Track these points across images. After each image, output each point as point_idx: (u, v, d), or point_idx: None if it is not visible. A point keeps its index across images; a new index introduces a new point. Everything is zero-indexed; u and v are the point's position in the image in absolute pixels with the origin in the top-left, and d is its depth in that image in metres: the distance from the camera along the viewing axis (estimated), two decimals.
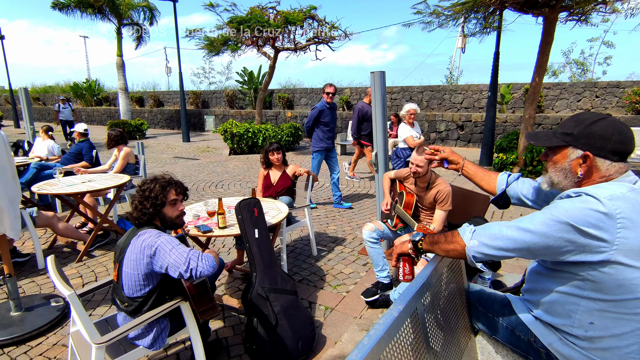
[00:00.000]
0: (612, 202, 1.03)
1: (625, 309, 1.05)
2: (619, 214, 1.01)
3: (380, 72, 3.40)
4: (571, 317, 1.14)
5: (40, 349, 2.40)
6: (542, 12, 6.29)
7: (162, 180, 1.98)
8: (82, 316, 1.62)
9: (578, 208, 1.05)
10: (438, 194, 2.76)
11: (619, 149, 1.12)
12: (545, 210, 1.11)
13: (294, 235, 4.33)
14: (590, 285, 1.08)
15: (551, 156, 1.26)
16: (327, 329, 2.57)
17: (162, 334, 1.90)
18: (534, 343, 1.27)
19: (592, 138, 1.14)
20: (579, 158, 1.17)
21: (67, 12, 13.89)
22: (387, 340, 0.88)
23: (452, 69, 18.96)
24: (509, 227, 1.14)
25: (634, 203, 1.05)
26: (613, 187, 1.09)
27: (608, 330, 1.09)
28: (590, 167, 1.16)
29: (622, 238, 1.01)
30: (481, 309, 1.47)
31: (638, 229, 1.02)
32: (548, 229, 1.06)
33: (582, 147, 1.16)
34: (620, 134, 1.12)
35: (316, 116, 5.09)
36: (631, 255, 1.01)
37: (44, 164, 5.27)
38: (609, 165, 1.14)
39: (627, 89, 10.03)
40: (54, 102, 24.40)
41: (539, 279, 1.27)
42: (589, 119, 1.17)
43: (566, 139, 1.20)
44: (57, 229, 3.62)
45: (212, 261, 1.76)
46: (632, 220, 1.02)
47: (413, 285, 1.09)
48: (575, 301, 1.13)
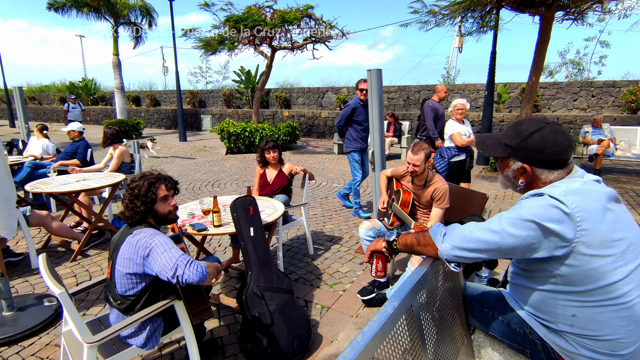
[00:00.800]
0: (568, 198, 1.10)
1: (599, 296, 1.09)
2: (575, 208, 1.08)
3: (376, 70, 3.39)
4: (554, 313, 1.18)
5: (32, 349, 2.37)
6: (539, 11, 6.30)
7: (151, 176, 1.93)
8: (73, 315, 1.60)
9: (540, 206, 1.11)
10: (435, 192, 2.75)
11: (552, 160, 1.20)
12: (510, 211, 1.17)
13: (290, 233, 4.31)
14: (561, 279, 1.13)
15: (499, 163, 1.36)
16: (323, 328, 2.55)
17: (155, 333, 1.87)
18: (529, 335, 1.28)
19: (528, 151, 1.22)
20: (520, 169, 1.27)
21: (62, 12, 13.79)
22: (382, 337, 0.87)
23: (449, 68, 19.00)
24: (479, 229, 1.19)
25: (588, 193, 1.12)
26: (566, 183, 1.17)
27: (592, 321, 1.12)
28: (529, 176, 1.26)
29: (582, 230, 1.07)
30: (476, 305, 1.47)
31: (594, 219, 1.08)
32: (515, 228, 1.12)
33: (520, 160, 1.26)
34: (553, 146, 1.19)
35: (349, 114, 4.67)
36: (592, 246, 1.07)
37: (38, 163, 5.23)
38: (547, 173, 1.22)
39: (622, 89, 10.07)
40: (49, 101, 24.31)
41: (518, 279, 1.31)
42: (525, 131, 1.23)
43: (507, 151, 1.29)
44: (51, 228, 3.58)
45: (202, 270, 1.67)
46: (588, 212, 1.08)
47: (408, 282, 1.07)
48: (552, 297, 1.17)
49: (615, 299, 1.08)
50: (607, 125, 7.27)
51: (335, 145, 10.28)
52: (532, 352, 1.30)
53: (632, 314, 1.09)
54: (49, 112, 22.52)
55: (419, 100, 12.97)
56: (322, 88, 15.07)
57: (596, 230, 1.07)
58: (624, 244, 1.10)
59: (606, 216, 1.10)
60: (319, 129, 13.65)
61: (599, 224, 1.08)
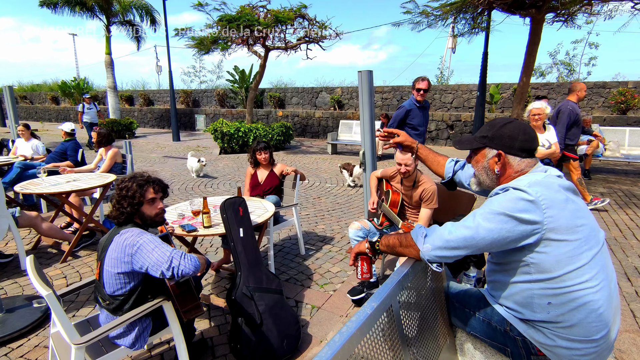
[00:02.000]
0: (532, 188, 1.19)
1: (570, 280, 1.16)
2: (540, 197, 1.17)
3: (367, 71, 3.41)
4: (531, 304, 1.24)
5: (21, 350, 2.36)
6: (529, 13, 6.38)
7: (140, 178, 1.95)
8: (61, 316, 1.60)
9: (508, 199, 1.20)
10: (424, 193, 2.78)
11: (525, 147, 1.33)
12: (482, 207, 1.25)
13: (282, 234, 4.32)
14: (534, 267, 1.20)
15: (473, 157, 1.45)
16: (313, 328, 2.57)
17: (144, 333, 1.88)
18: (510, 332, 1.32)
19: (503, 139, 1.34)
20: (495, 157, 1.36)
21: (55, 9, 13.67)
22: (360, 337, 0.89)
23: (442, 69, 19.11)
24: (456, 228, 1.25)
25: (550, 185, 1.22)
26: (529, 176, 1.28)
27: (565, 306, 1.18)
28: (504, 163, 1.35)
29: (549, 217, 1.16)
30: (458, 305, 1.50)
31: (558, 206, 1.18)
32: (489, 223, 1.19)
33: (495, 147, 1.36)
34: (524, 134, 1.33)
35: (402, 117, 4.09)
36: (559, 231, 1.16)
37: (28, 164, 5.19)
38: (519, 161, 1.34)
39: (612, 89, 10.21)
40: (41, 100, 24.06)
41: (494, 275, 1.37)
42: (499, 123, 1.38)
43: (483, 141, 1.40)
44: (41, 229, 3.56)
45: (195, 261, 1.74)
46: (552, 200, 1.18)
47: (389, 283, 1.10)
48: (528, 287, 1.23)
49: (584, 282, 1.16)
50: (596, 126, 7.37)
51: (329, 146, 10.31)
52: (513, 350, 1.33)
53: (601, 297, 1.17)
54: (40, 111, 22.30)
55: None
56: (316, 88, 15.09)
57: (561, 216, 1.16)
58: (586, 229, 1.19)
59: (568, 204, 1.19)
60: (312, 129, 13.67)
61: (563, 210, 1.17)
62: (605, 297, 1.18)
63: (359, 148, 3.57)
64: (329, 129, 12.94)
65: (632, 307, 2.77)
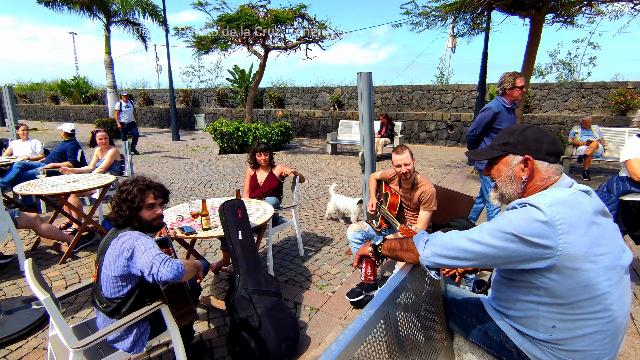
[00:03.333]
0: (552, 209, 1.08)
1: (581, 309, 1.10)
2: (558, 220, 1.07)
3: (366, 73, 3.41)
4: (535, 323, 1.19)
5: (19, 352, 2.36)
6: (529, 13, 6.37)
7: (142, 183, 1.96)
8: (59, 320, 1.60)
9: (521, 218, 1.10)
10: (422, 195, 2.78)
11: (552, 150, 1.23)
12: (492, 222, 1.16)
13: (281, 235, 4.32)
14: (544, 291, 1.13)
15: (494, 167, 1.35)
16: (311, 330, 2.57)
17: (142, 337, 1.88)
18: (506, 344, 1.30)
19: (528, 142, 1.25)
20: (520, 163, 1.26)
21: (53, 7, 13.64)
22: (357, 344, 0.89)
23: (442, 68, 19.11)
24: (460, 238, 1.19)
25: (575, 205, 1.11)
26: (553, 192, 1.17)
27: (570, 332, 1.13)
28: (532, 169, 1.25)
29: (565, 243, 1.06)
30: (456, 311, 1.50)
31: (577, 232, 1.07)
32: (495, 239, 1.12)
33: (520, 152, 1.26)
34: (549, 137, 1.25)
35: (489, 121, 3.52)
36: (575, 259, 1.07)
37: (28, 164, 5.18)
38: (547, 166, 1.24)
39: (612, 90, 10.21)
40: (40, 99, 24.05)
41: (500, 287, 1.32)
42: (519, 129, 1.29)
43: (505, 148, 1.30)
44: (40, 230, 3.56)
45: (177, 268, 1.69)
46: (572, 224, 1.07)
47: (386, 289, 1.10)
48: (534, 307, 1.17)
49: (597, 312, 1.10)
50: (595, 127, 7.37)
51: (329, 146, 10.31)
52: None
53: (610, 328, 1.12)
54: (40, 110, 22.28)
55: (412, 101, 13.04)
56: (316, 87, 15.08)
57: (579, 243, 1.07)
58: (607, 258, 1.10)
59: (591, 229, 1.09)
60: (312, 128, 13.67)
61: (582, 237, 1.07)
62: (615, 327, 1.13)
63: (358, 148, 3.56)
64: (329, 129, 12.94)
65: (631, 310, 2.77)
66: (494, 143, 1.35)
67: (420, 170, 7.80)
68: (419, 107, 12.96)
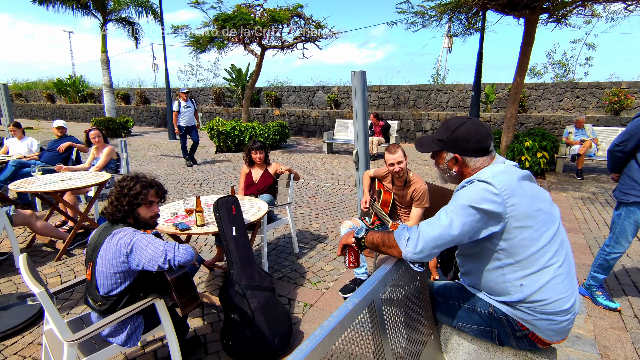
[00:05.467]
0: (495, 178, 1.28)
1: (535, 261, 1.28)
2: (502, 187, 1.26)
3: (360, 72, 3.45)
4: (505, 287, 1.33)
5: (15, 348, 2.38)
6: (523, 13, 6.42)
7: (144, 179, 1.99)
8: (53, 313, 1.63)
9: (473, 191, 1.29)
10: (415, 192, 2.81)
11: (478, 147, 1.40)
12: (451, 202, 1.34)
13: (276, 233, 4.35)
14: (503, 253, 1.31)
15: (435, 158, 1.54)
16: (305, 325, 2.60)
17: (137, 331, 1.91)
18: (494, 313, 1.40)
19: (457, 142, 1.42)
20: (452, 159, 1.46)
21: (48, 5, 13.58)
22: (341, 331, 0.92)
23: (438, 68, 19.16)
24: (432, 227, 1.31)
25: (510, 174, 1.32)
26: (492, 168, 1.38)
27: (535, 285, 1.29)
28: (461, 164, 1.45)
29: (511, 205, 1.26)
30: (441, 299, 1.55)
31: (519, 194, 1.27)
32: (459, 216, 1.27)
33: (451, 150, 1.44)
34: (477, 134, 1.39)
35: None
36: (520, 218, 1.26)
37: (23, 162, 5.19)
38: (475, 160, 1.42)
39: (606, 90, 10.29)
40: (36, 98, 23.92)
41: (466, 264, 1.46)
42: (453, 126, 1.44)
43: (440, 145, 1.47)
44: (35, 228, 3.58)
45: (189, 249, 1.82)
46: (513, 188, 1.27)
47: (371, 280, 1.13)
48: (500, 272, 1.33)
49: (548, 261, 1.28)
50: (589, 126, 7.44)
51: (325, 145, 10.34)
52: (499, 330, 1.41)
53: (563, 271, 1.30)
54: (36, 109, 22.17)
55: (408, 100, 13.09)
56: (312, 87, 15.10)
57: (521, 204, 1.26)
58: (543, 212, 1.30)
59: (527, 191, 1.30)
60: (309, 128, 13.69)
61: (523, 197, 1.27)
62: (567, 269, 1.32)
63: (354, 147, 3.57)
64: (326, 128, 12.97)
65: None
66: (435, 136, 1.51)
67: (415, 169, 7.85)
68: (416, 106, 13.01)
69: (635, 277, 3.23)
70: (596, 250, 3.80)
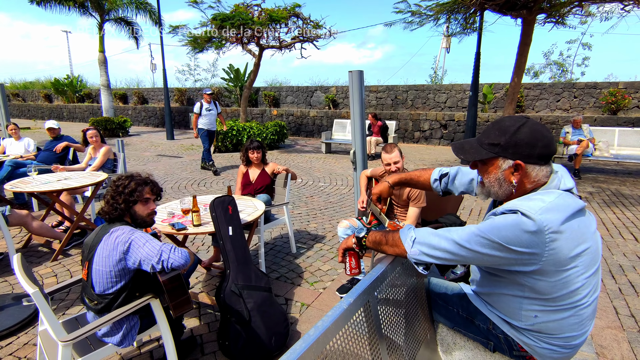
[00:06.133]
0: (543, 217, 1.06)
1: (561, 301, 1.15)
2: (547, 229, 1.06)
3: (358, 71, 3.45)
4: (518, 314, 1.23)
5: (10, 348, 2.37)
6: (520, 14, 6.44)
7: (139, 177, 2.00)
8: (47, 314, 1.61)
9: (510, 228, 1.08)
10: (411, 192, 2.81)
11: (545, 153, 1.17)
12: (481, 227, 1.14)
13: (274, 232, 4.35)
14: (528, 289, 1.16)
15: (481, 167, 1.29)
16: (302, 325, 2.60)
17: (132, 331, 1.90)
18: (492, 330, 1.34)
19: (520, 147, 1.17)
20: (511, 167, 1.19)
21: (46, 6, 13.54)
22: (335, 330, 0.92)
23: (436, 68, 19.19)
24: (447, 240, 1.18)
25: (563, 209, 1.10)
26: (542, 197, 1.13)
27: (551, 322, 1.19)
28: (522, 174, 1.19)
29: (551, 250, 1.07)
30: (440, 302, 1.53)
31: (565, 236, 1.08)
32: (480, 246, 1.11)
33: (512, 157, 1.19)
34: (543, 138, 1.17)
35: None
36: (559, 263, 1.09)
37: (19, 162, 5.16)
38: (538, 169, 1.18)
39: (603, 90, 10.32)
40: (34, 98, 23.82)
41: (483, 281, 1.35)
42: (511, 127, 1.19)
43: (495, 150, 1.21)
44: (31, 228, 3.56)
45: (184, 254, 1.81)
46: (560, 231, 1.07)
47: (366, 279, 1.13)
48: (518, 301, 1.21)
49: (575, 302, 1.15)
50: (586, 126, 7.46)
51: (323, 145, 10.33)
52: (496, 344, 1.36)
53: (586, 312, 1.18)
54: (33, 109, 22.09)
55: (406, 100, 13.10)
56: (311, 87, 15.10)
57: (565, 247, 1.08)
58: (586, 255, 1.13)
59: (575, 230, 1.10)
60: (307, 127, 13.69)
61: (569, 240, 1.09)
62: (591, 311, 1.20)
63: (352, 147, 3.58)
64: (324, 128, 12.97)
65: (615, 304, 2.83)
66: (483, 140, 1.25)
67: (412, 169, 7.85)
68: (414, 106, 13.03)
69: (632, 277, 3.23)
70: None
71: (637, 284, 3.11)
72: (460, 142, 1.34)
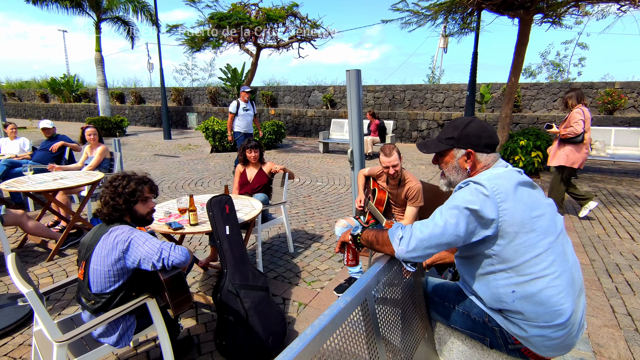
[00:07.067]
0: (491, 181, 1.27)
1: (529, 269, 1.25)
2: (495, 189, 1.25)
3: (355, 70, 3.44)
4: (498, 294, 1.31)
5: (5, 349, 2.35)
6: (518, 13, 6.45)
7: (136, 177, 1.99)
8: (42, 314, 1.60)
9: (467, 192, 1.29)
10: (409, 191, 2.81)
11: (490, 143, 1.41)
12: (447, 203, 1.33)
13: (271, 232, 4.33)
14: (496, 259, 1.29)
15: (441, 159, 1.53)
16: (299, 325, 2.59)
17: (128, 331, 1.88)
18: (488, 323, 1.38)
19: (469, 137, 1.42)
20: (464, 156, 1.44)
21: (42, 5, 13.46)
22: (332, 329, 0.91)
23: (434, 68, 19.22)
24: (426, 226, 1.30)
25: (508, 178, 1.30)
26: (491, 170, 1.37)
27: (529, 293, 1.25)
28: (474, 161, 1.43)
29: (504, 211, 1.24)
30: (437, 299, 1.54)
31: (514, 198, 1.26)
32: (453, 217, 1.26)
33: (464, 147, 1.43)
34: (487, 131, 1.42)
35: None
36: (514, 223, 1.24)
37: (15, 161, 5.13)
38: (486, 157, 1.43)
39: (600, 90, 10.36)
40: (30, 97, 23.67)
41: (462, 268, 1.44)
42: (462, 123, 1.45)
43: (450, 143, 1.46)
44: (27, 227, 3.53)
45: (185, 251, 1.82)
46: (508, 193, 1.26)
47: (363, 278, 1.12)
48: (493, 278, 1.31)
49: (543, 270, 1.24)
50: None
51: (321, 144, 10.33)
52: (492, 339, 1.40)
53: (561, 282, 1.25)
54: (29, 108, 21.97)
55: (404, 100, 13.11)
56: (308, 87, 15.09)
57: (516, 208, 1.24)
58: (542, 219, 1.27)
59: (524, 197, 1.27)
60: (305, 127, 13.67)
61: (519, 203, 1.25)
62: (566, 282, 1.26)
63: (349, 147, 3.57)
64: (321, 128, 12.96)
65: (611, 303, 2.83)
66: (441, 136, 1.49)
67: (411, 169, 7.86)
68: (411, 106, 13.04)
69: (629, 275, 3.25)
70: (590, 248, 3.82)
71: (634, 283, 3.12)
72: (424, 141, 1.59)
